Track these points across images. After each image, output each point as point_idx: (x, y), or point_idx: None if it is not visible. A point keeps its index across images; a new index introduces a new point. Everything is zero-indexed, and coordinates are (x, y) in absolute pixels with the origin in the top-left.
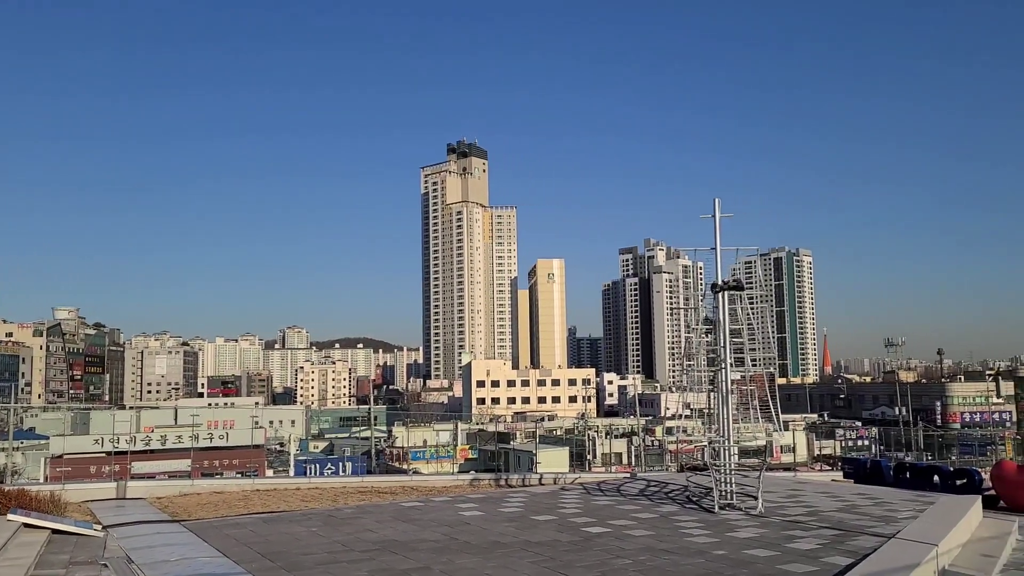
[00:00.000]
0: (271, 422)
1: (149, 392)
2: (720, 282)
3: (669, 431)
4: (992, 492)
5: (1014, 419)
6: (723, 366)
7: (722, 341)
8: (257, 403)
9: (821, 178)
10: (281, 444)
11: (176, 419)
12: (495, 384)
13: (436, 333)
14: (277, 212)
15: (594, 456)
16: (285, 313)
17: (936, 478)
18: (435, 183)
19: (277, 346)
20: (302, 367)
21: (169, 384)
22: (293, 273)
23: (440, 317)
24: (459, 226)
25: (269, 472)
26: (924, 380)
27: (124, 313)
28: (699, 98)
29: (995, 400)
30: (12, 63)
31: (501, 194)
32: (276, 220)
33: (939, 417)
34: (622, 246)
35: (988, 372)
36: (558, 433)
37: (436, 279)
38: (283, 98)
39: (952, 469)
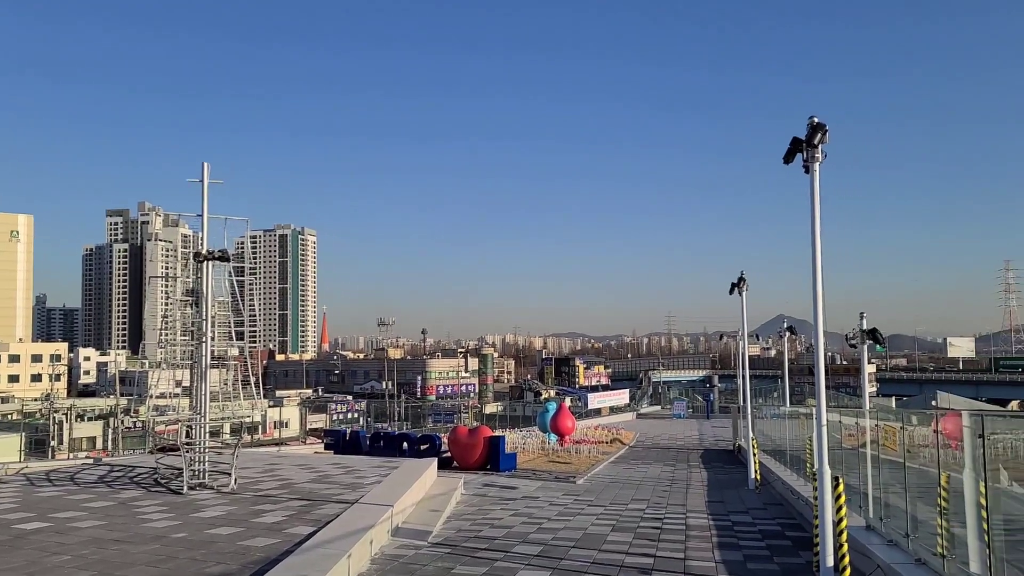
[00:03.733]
0: None
1: None
2: (205, 252)
3: (158, 410)
4: (448, 454)
5: (476, 390)
6: (204, 340)
7: (204, 314)
8: None
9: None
10: None
11: None
12: None
13: None
14: None
15: (60, 442)
16: None
17: (405, 444)
18: None
19: None
20: None
21: None
22: None
23: None
24: None
25: None
26: (410, 357)
27: None
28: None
29: (463, 374)
30: None
31: None
32: None
33: (419, 390)
34: (111, 208)
35: (460, 350)
36: (14, 417)
37: None
38: None
39: (419, 436)
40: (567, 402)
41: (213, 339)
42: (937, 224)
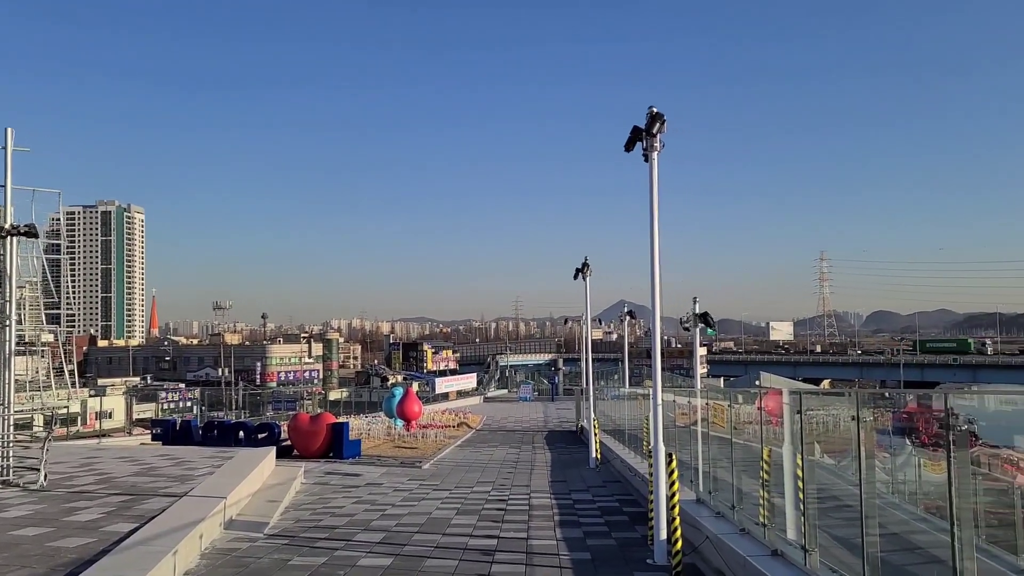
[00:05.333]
0: None
1: None
2: (8, 226)
3: None
4: (289, 442)
5: (321, 376)
6: (8, 324)
7: (7, 295)
8: None
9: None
10: None
11: None
12: None
13: None
14: None
15: None
16: None
17: (241, 434)
18: None
19: None
20: None
21: None
22: None
23: None
24: None
25: None
26: (248, 343)
27: None
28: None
29: (307, 360)
30: None
31: None
32: None
33: (259, 376)
34: None
35: (303, 335)
36: None
37: None
38: None
39: (256, 424)
40: (414, 387)
41: (19, 323)
42: (763, 216)
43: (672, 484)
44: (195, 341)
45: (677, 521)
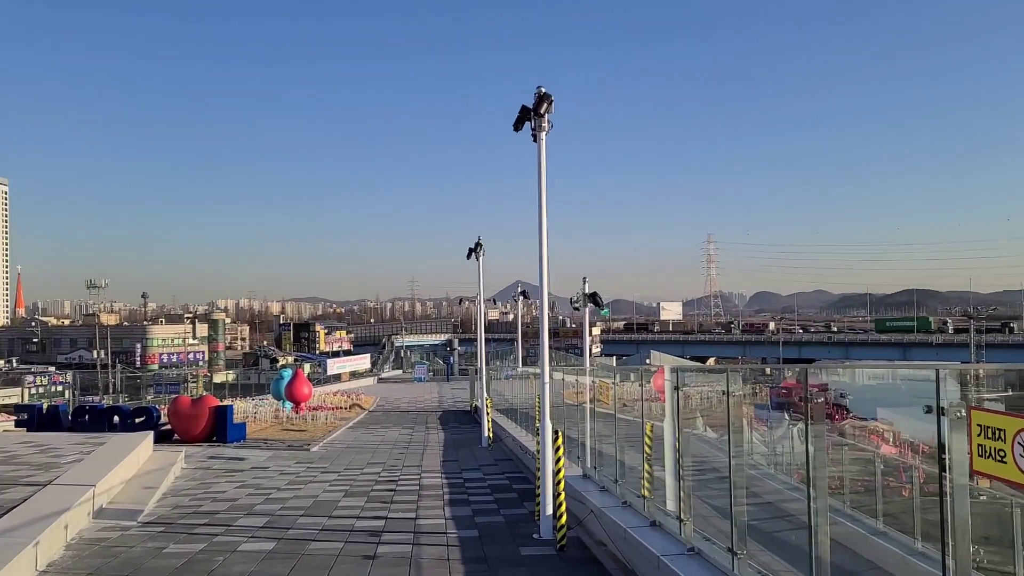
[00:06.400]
0: None
1: None
2: None
3: None
4: (169, 427)
5: (206, 358)
6: None
7: None
8: None
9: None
10: None
11: None
12: None
13: None
14: None
15: None
16: None
17: (116, 418)
18: None
19: None
20: None
21: None
22: None
23: None
24: None
25: None
26: (127, 323)
27: None
28: None
29: (191, 341)
30: None
31: None
32: None
33: (139, 359)
34: None
35: (187, 316)
36: None
37: None
38: None
39: (132, 408)
40: (305, 369)
41: None
42: (654, 200)
43: (558, 460)
44: (67, 322)
45: (562, 496)
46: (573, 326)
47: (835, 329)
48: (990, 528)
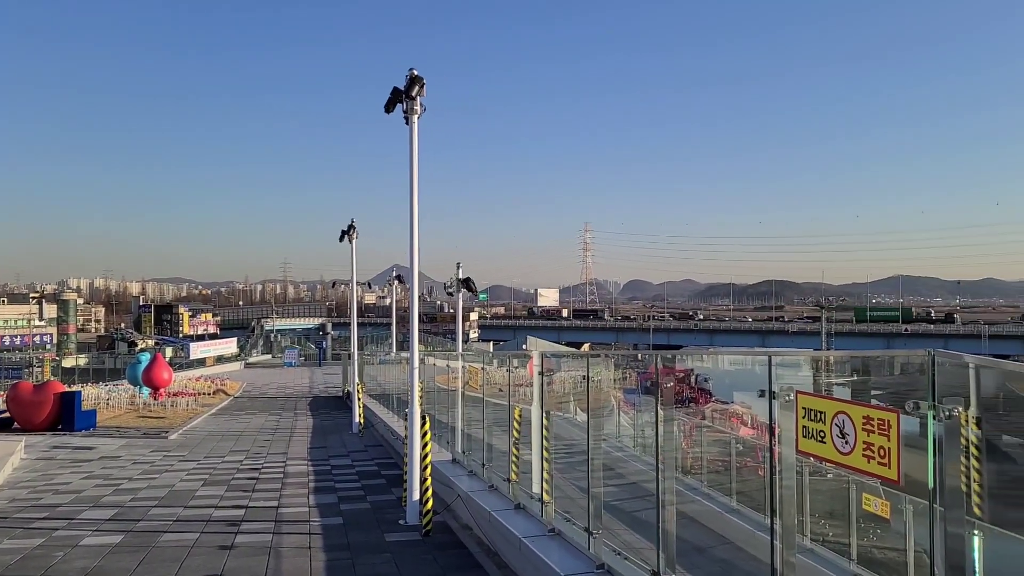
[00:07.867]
0: None
1: None
2: None
3: None
4: (7, 415)
5: (55, 341)
6: None
7: None
8: None
9: None
10: None
11: None
12: None
13: None
14: None
15: None
16: None
17: None
18: None
19: None
20: None
21: None
22: None
23: None
24: None
25: None
26: None
27: None
28: None
29: (38, 323)
30: None
31: None
32: None
33: None
34: None
35: (33, 296)
36: None
37: None
38: None
39: None
40: (167, 352)
41: None
42: (533, 188)
43: (425, 446)
44: None
45: (429, 481)
46: (451, 311)
47: (701, 317)
48: (835, 503)
